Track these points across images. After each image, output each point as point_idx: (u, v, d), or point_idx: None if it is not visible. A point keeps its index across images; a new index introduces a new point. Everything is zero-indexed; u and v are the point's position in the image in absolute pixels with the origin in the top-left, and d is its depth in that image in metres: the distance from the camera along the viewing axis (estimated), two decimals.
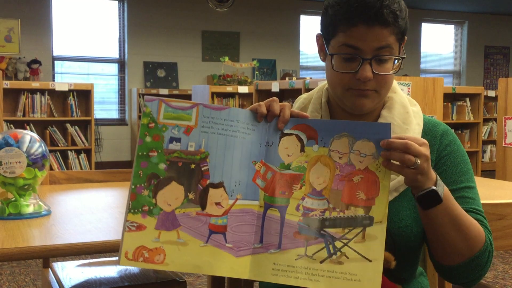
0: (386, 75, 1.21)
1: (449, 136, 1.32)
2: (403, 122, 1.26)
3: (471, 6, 11.64)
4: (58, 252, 1.44)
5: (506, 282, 3.83)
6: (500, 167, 5.09)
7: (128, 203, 1.11)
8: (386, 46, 1.19)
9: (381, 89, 1.22)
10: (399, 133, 1.24)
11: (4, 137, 1.73)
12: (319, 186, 1.12)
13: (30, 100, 6.97)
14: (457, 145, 1.31)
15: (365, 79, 1.19)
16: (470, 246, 1.17)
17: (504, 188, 2.45)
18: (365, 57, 1.18)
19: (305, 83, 5.98)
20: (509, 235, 1.55)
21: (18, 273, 3.83)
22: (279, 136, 1.15)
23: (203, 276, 3.76)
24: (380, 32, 1.17)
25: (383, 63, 1.20)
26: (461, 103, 7.90)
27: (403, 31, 1.22)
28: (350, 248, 1.09)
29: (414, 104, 1.34)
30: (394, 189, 1.22)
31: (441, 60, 12.19)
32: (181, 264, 1.09)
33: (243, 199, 1.13)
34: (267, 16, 10.47)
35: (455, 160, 1.28)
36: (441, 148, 1.29)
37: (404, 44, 1.26)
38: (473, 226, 1.17)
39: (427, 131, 1.30)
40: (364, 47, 1.18)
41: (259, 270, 1.10)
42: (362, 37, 1.17)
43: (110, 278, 2.09)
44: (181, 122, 1.12)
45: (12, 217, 1.70)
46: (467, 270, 1.19)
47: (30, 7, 8.93)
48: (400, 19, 1.19)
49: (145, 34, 9.53)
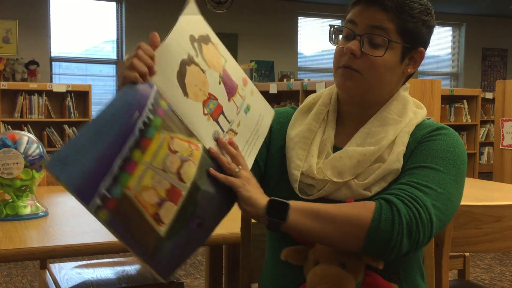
0: (373, 58, 1.21)
1: (438, 131, 1.24)
2: (398, 115, 1.26)
3: (469, 8, 11.66)
4: (55, 253, 1.44)
5: (504, 284, 3.83)
6: (498, 169, 5.09)
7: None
8: (379, 27, 1.21)
9: (365, 72, 1.22)
10: (392, 124, 1.24)
11: (1, 138, 1.73)
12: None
13: (28, 101, 6.96)
14: (443, 140, 1.22)
15: (347, 51, 1.21)
16: (346, 237, 1.08)
17: (502, 190, 2.46)
18: (358, 33, 1.22)
19: (303, 84, 5.98)
20: (507, 237, 1.55)
21: (15, 274, 3.83)
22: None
23: (201, 278, 3.76)
24: (377, 13, 1.21)
25: (375, 47, 1.22)
26: (458, 105, 7.91)
27: (409, 30, 1.22)
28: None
29: (421, 107, 1.32)
30: (380, 177, 1.20)
31: (439, 62, 12.20)
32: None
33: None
34: (265, 18, 10.47)
35: (431, 146, 1.20)
36: (421, 139, 1.23)
37: (418, 56, 1.26)
38: (340, 215, 1.09)
39: (420, 127, 1.26)
40: (359, 22, 1.22)
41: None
42: (360, 13, 1.23)
43: (107, 279, 2.09)
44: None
45: (10, 218, 1.70)
46: (376, 250, 1.09)
47: (28, 8, 8.91)
48: (407, 14, 1.20)
49: (143, 36, 9.51)
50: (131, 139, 1.02)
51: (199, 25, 1.22)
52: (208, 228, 1.13)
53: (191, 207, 1.09)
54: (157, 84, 1.10)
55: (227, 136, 1.21)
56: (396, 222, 1.07)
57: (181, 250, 1.08)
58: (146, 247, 1.04)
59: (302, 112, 1.35)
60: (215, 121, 1.19)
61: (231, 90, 1.23)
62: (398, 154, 1.21)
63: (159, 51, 1.10)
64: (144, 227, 1.03)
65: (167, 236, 1.05)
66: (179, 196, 1.07)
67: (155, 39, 1.10)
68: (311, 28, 11.01)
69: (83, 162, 0.98)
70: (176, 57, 1.13)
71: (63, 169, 0.96)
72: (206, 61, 1.19)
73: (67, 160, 0.97)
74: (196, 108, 1.16)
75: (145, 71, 1.06)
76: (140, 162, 1.03)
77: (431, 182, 1.14)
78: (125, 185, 1.01)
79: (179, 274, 3.80)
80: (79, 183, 0.97)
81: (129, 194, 1.01)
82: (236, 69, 1.26)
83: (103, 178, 0.99)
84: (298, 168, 1.25)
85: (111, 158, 1.00)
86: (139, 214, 1.02)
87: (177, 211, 1.06)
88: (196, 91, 1.16)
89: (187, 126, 1.13)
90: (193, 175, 1.10)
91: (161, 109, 1.08)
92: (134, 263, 2.33)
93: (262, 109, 1.31)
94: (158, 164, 1.05)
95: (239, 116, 1.24)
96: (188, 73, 1.15)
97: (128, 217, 1.02)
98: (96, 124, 1.02)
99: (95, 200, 0.98)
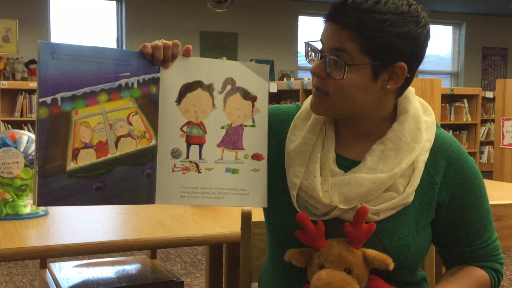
0: (337, 80, 1.14)
1: (460, 160, 1.24)
2: (412, 139, 1.19)
3: (469, 7, 11.65)
4: (55, 252, 1.44)
5: (504, 283, 3.83)
6: (498, 168, 5.09)
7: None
8: (339, 49, 1.13)
9: (333, 93, 1.16)
10: (406, 150, 1.19)
11: (1, 137, 1.73)
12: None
13: (28, 100, 6.96)
14: (465, 169, 1.24)
15: (312, 72, 1.19)
16: None
17: (502, 189, 2.46)
18: (324, 53, 1.17)
19: (303, 84, 5.98)
20: (507, 236, 1.55)
21: (16, 273, 3.83)
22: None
23: (201, 277, 3.76)
24: (339, 32, 1.13)
25: (338, 68, 1.14)
26: (459, 104, 7.91)
27: (377, 46, 1.11)
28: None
29: (429, 114, 1.26)
30: (392, 207, 1.18)
31: (439, 61, 12.20)
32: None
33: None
34: (265, 17, 10.47)
35: (469, 199, 1.25)
36: (449, 177, 1.23)
37: (400, 71, 1.15)
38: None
39: (437, 149, 1.23)
40: (324, 42, 1.18)
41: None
42: (325, 32, 1.17)
43: (107, 278, 2.09)
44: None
45: (10, 217, 1.69)
46: None
47: (28, 7, 8.91)
48: (372, 30, 1.10)
49: (143, 35, 9.51)
50: (108, 85, 1.15)
51: (255, 84, 1.26)
52: (102, 199, 1.16)
53: (104, 170, 1.15)
54: (162, 75, 1.19)
55: (186, 165, 1.21)
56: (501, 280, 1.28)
57: (68, 193, 1.13)
58: (49, 166, 1.11)
59: (300, 119, 1.27)
60: (187, 143, 1.21)
61: (229, 143, 1.23)
62: (414, 188, 1.18)
63: (191, 59, 1.22)
64: (60, 151, 1.12)
65: (69, 174, 1.12)
66: (104, 155, 1.15)
67: (188, 49, 1.22)
68: (311, 27, 11.01)
69: (66, 63, 1.11)
70: (196, 75, 1.21)
71: (49, 55, 1.09)
72: (225, 103, 1.23)
73: (59, 53, 1.10)
74: (177, 118, 1.20)
75: (166, 57, 1.18)
76: (100, 105, 1.14)
77: (490, 222, 1.27)
78: (75, 108, 1.12)
79: (179, 273, 3.81)
80: (49, 74, 1.10)
81: (72, 116, 1.12)
82: (259, 143, 1.25)
83: (67, 89, 1.11)
84: (295, 187, 1.20)
85: (85, 82, 1.12)
86: (66, 138, 1.12)
87: (92, 164, 1.14)
88: (189, 109, 1.21)
89: (158, 120, 1.19)
90: (127, 151, 1.17)
91: (147, 89, 1.18)
92: (134, 262, 2.33)
93: (251, 188, 1.25)
94: (110, 118, 1.15)
95: (217, 166, 1.22)
96: (195, 93, 1.21)
97: (57, 131, 1.11)
98: (101, 50, 1.14)
99: (48, 97, 1.10)
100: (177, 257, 4.21)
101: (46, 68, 1.09)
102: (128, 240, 1.51)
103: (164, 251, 4.30)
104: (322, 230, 1.15)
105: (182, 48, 1.22)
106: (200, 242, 1.59)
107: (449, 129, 7.79)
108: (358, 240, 1.13)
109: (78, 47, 1.13)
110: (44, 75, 1.09)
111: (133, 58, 1.17)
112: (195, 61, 1.22)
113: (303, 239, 1.16)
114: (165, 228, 1.62)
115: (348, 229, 1.13)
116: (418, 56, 1.17)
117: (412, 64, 1.17)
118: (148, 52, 1.17)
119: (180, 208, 1.86)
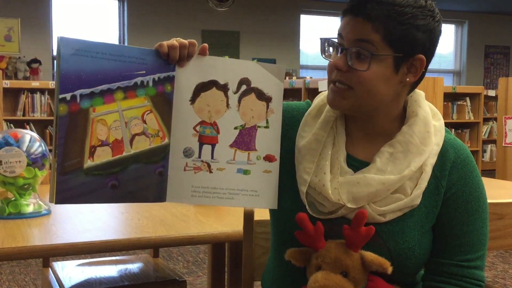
0: (361, 72, 1.15)
1: (465, 168, 1.24)
2: (421, 142, 1.20)
3: (472, 6, 11.64)
4: (58, 251, 1.44)
5: (506, 281, 3.83)
6: (500, 167, 5.09)
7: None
8: (364, 40, 1.14)
9: (356, 87, 1.17)
10: (415, 153, 1.19)
11: (4, 136, 1.73)
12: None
13: (30, 99, 6.97)
14: (468, 178, 1.23)
15: (334, 66, 1.17)
16: None
17: (504, 187, 2.46)
18: (344, 46, 1.17)
19: (305, 82, 5.98)
20: (509, 234, 1.55)
21: (18, 272, 3.83)
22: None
23: (203, 275, 3.76)
24: (362, 24, 1.14)
25: (362, 60, 1.15)
26: (461, 103, 7.90)
27: (399, 38, 1.14)
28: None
29: (438, 118, 1.27)
30: (398, 209, 1.18)
31: (441, 60, 12.18)
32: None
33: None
34: (267, 15, 10.47)
35: (466, 198, 1.22)
36: (450, 180, 1.22)
37: (418, 64, 1.18)
38: None
39: (444, 153, 1.23)
40: (345, 36, 1.17)
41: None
42: (346, 25, 1.17)
43: (110, 277, 2.09)
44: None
45: (12, 216, 1.70)
46: None
47: (30, 6, 8.92)
48: (395, 22, 1.13)
49: (145, 34, 9.52)
50: (125, 83, 1.15)
51: (270, 85, 1.25)
52: (116, 197, 1.17)
53: (119, 168, 1.15)
54: (178, 74, 1.19)
55: (198, 164, 1.21)
56: None
57: (85, 191, 1.13)
58: (67, 163, 1.11)
59: (311, 116, 1.28)
60: (199, 142, 1.21)
61: (242, 144, 1.23)
62: (421, 191, 1.18)
63: (207, 58, 1.21)
64: (78, 148, 1.12)
65: (86, 171, 1.12)
66: (119, 153, 1.15)
67: (205, 48, 1.22)
68: (313, 25, 11.00)
69: (85, 60, 1.11)
70: (212, 74, 1.21)
71: (69, 51, 1.10)
72: (239, 104, 1.22)
73: (78, 49, 1.11)
74: (190, 118, 1.20)
75: (182, 56, 1.18)
76: (116, 102, 1.15)
77: (480, 243, 1.22)
78: (93, 105, 1.13)
79: (181, 272, 3.81)
80: (69, 71, 1.09)
81: (90, 113, 1.13)
82: (271, 145, 1.25)
83: (86, 86, 1.11)
84: (305, 183, 1.21)
85: (102, 79, 1.13)
86: (84, 134, 1.12)
87: (108, 162, 1.14)
88: (203, 108, 1.20)
89: (171, 119, 1.19)
90: (141, 149, 1.17)
91: (162, 87, 1.18)
92: (136, 261, 2.34)
93: (262, 190, 1.25)
94: (126, 116, 1.16)
95: (228, 166, 1.22)
96: (210, 92, 1.21)
97: (75, 128, 1.12)
98: (119, 48, 1.15)
99: (68, 94, 1.10)
100: (179, 256, 4.22)
101: (67, 64, 1.09)
102: (131, 239, 1.51)
103: (167, 250, 4.31)
104: (321, 231, 1.15)
105: (199, 47, 1.21)
106: (202, 241, 1.59)
107: (451, 127, 7.79)
108: (356, 243, 1.13)
109: (96, 44, 1.13)
110: (64, 72, 1.09)
111: (149, 56, 1.17)
112: (211, 60, 1.21)
113: (302, 239, 1.16)
114: (167, 227, 1.62)
115: (346, 232, 1.13)
116: (433, 49, 1.21)
117: (429, 57, 1.20)
118: (164, 51, 1.17)
119: (182, 207, 1.86)
